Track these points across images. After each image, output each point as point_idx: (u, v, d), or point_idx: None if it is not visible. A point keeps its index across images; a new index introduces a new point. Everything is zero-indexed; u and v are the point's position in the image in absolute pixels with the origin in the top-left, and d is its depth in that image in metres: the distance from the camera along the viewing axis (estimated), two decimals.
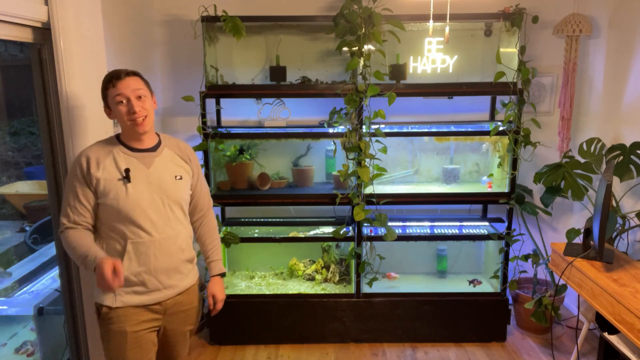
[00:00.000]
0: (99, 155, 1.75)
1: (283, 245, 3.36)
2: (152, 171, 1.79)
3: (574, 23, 3.01)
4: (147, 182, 1.77)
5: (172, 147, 1.90)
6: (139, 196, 1.74)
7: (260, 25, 3.09)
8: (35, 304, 2.50)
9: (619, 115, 3.02)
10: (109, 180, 1.72)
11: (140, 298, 1.78)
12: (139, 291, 1.78)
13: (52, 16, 2.00)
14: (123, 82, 1.73)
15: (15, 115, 2.53)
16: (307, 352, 3.02)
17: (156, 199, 1.78)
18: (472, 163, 3.32)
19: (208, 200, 2.06)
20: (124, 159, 1.76)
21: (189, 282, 1.92)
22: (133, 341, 1.77)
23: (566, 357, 2.93)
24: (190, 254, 1.92)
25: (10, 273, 2.81)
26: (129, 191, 1.73)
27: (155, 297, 1.80)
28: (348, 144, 2.83)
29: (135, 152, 1.79)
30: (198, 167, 1.99)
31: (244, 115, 3.27)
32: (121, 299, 1.76)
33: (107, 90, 1.75)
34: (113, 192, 1.72)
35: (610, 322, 2.00)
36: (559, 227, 3.48)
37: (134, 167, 1.76)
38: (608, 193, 2.07)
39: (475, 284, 3.25)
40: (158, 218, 1.78)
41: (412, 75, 3.08)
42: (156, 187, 1.78)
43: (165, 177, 1.82)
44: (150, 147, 1.83)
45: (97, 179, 1.72)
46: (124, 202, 1.72)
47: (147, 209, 1.75)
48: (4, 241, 3.38)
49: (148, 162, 1.80)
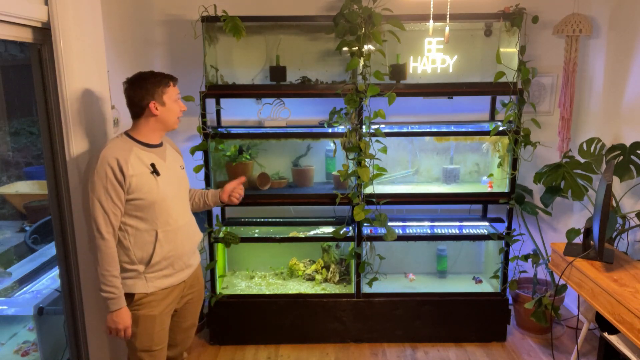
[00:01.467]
0: (122, 154, 1.82)
1: (283, 245, 3.36)
2: (168, 164, 1.96)
3: (574, 23, 3.01)
4: (168, 174, 1.93)
5: (168, 142, 2.08)
6: (166, 187, 1.90)
7: (260, 25, 3.09)
8: (35, 304, 2.50)
9: (619, 115, 3.02)
10: (140, 175, 1.83)
11: (170, 280, 1.95)
12: (167, 274, 1.94)
13: (52, 16, 2.00)
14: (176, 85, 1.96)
15: (15, 115, 2.53)
16: (307, 352, 3.02)
17: (175, 189, 1.97)
18: (472, 163, 3.32)
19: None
20: (145, 155, 1.89)
21: (198, 261, 2.17)
22: (160, 323, 1.94)
23: (566, 357, 2.93)
24: (199, 236, 2.12)
25: (10, 273, 2.81)
26: (159, 184, 1.88)
27: (180, 277, 1.99)
28: (348, 144, 2.83)
29: (151, 148, 1.93)
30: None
31: (244, 115, 3.27)
32: (153, 284, 1.91)
33: (167, 87, 1.89)
34: (147, 186, 1.84)
35: (610, 322, 2.00)
36: (559, 227, 3.48)
37: (156, 161, 1.91)
38: (608, 193, 2.07)
39: (477, 282, 3.28)
40: (180, 206, 1.98)
41: (412, 75, 3.08)
42: (174, 178, 1.97)
43: (176, 168, 2.02)
44: (158, 144, 1.98)
45: (130, 177, 1.81)
46: (157, 194, 1.86)
47: (174, 199, 1.94)
48: (4, 241, 3.38)
49: (163, 155, 1.96)
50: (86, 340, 2.35)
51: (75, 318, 2.36)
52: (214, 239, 2.99)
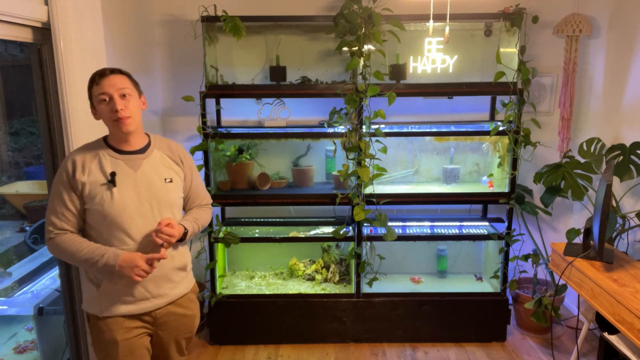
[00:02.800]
0: (85, 158, 1.70)
1: (283, 245, 3.36)
2: (139, 174, 1.73)
3: (574, 23, 3.01)
4: (134, 186, 1.71)
5: (162, 149, 1.83)
6: (125, 201, 1.68)
7: (260, 25, 3.09)
8: (35, 304, 2.50)
9: (619, 115, 3.02)
10: (94, 184, 1.67)
11: (128, 308, 1.73)
12: (126, 300, 1.72)
13: (52, 16, 2.00)
14: (107, 80, 1.66)
15: (15, 115, 2.53)
16: (307, 352, 3.02)
17: (144, 204, 1.72)
18: (472, 163, 3.32)
19: (204, 199, 1.98)
20: (110, 162, 1.71)
21: (182, 290, 1.85)
22: (125, 350, 1.73)
23: (566, 357, 2.93)
24: (182, 261, 1.85)
25: (10, 273, 2.81)
26: (114, 196, 1.67)
27: (144, 306, 1.75)
28: (348, 144, 2.83)
29: (123, 155, 1.73)
30: (192, 168, 1.92)
31: (244, 115, 3.27)
32: (109, 308, 1.71)
33: (91, 88, 1.69)
34: (98, 197, 1.66)
35: (610, 322, 2.00)
36: (559, 227, 3.48)
37: (120, 170, 1.70)
38: (608, 193, 2.07)
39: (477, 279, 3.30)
40: (146, 224, 1.71)
41: (412, 75, 3.08)
42: (144, 191, 1.72)
43: (154, 180, 1.75)
44: (138, 149, 1.77)
45: (83, 184, 1.67)
46: (110, 207, 1.67)
47: (133, 214, 1.69)
48: (4, 241, 3.38)
49: (135, 164, 1.74)
50: (86, 340, 2.35)
51: (75, 318, 2.36)
52: (214, 239, 2.99)
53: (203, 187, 2.00)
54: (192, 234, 1.85)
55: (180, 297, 1.85)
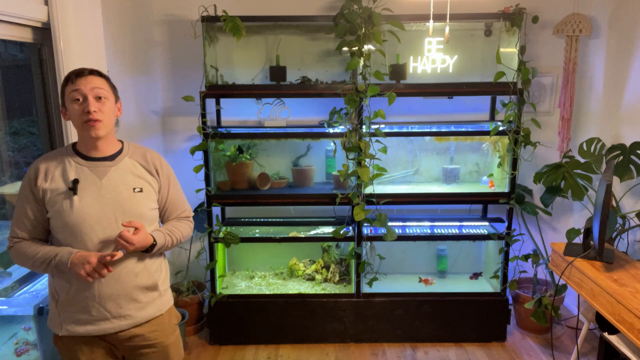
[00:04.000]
0: (49, 165, 1.61)
1: (283, 245, 3.36)
2: (105, 183, 1.62)
3: (574, 23, 3.01)
4: (97, 195, 1.60)
5: (135, 157, 1.72)
6: (86, 210, 1.57)
7: (260, 25, 3.09)
8: (35, 304, 2.50)
9: (619, 115, 3.02)
10: (55, 190, 1.58)
11: (86, 328, 1.61)
12: (82, 320, 1.61)
13: (52, 16, 2.00)
14: (84, 80, 1.56)
15: (15, 115, 2.53)
16: (307, 352, 3.02)
17: (108, 214, 1.60)
18: (472, 163, 3.32)
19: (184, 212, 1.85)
20: (74, 169, 1.61)
21: (151, 313, 1.69)
22: None
23: (566, 357, 2.93)
24: (149, 280, 1.68)
25: (10, 273, 2.81)
26: (74, 205, 1.57)
27: (103, 327, 1.62)
28: (348, 144, 2.83)
29: (89, 161, 1.63)
30: (169, 179, 1.79)
31: (244, 115, 3.27)
32: (66, 327, 1.62)
33: (65, 86, 1.58)
34: (57, 205, 1.57)
35: (610, 322, 2.00)
36: (559, 227, 3.48)
37: (84, 178, 1.60)
38: (608, 193, 2.07)
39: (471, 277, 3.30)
40: (108, 236, 1.59)
41: (412, 75, 3.08)
42: (109, 201, 1.61)
43: (120, 190, 1.63)
44: (107, 156, 1.66)
45: (44, 190, 1.58)
46: (69, 216, 1.56)
47: (94, 225, 1.58)
48: (4, 241, 3.37)
49: (101, 172, 1.63)
50: None
51: None
52: (214, 239, 2.99)
53: (183, 198, 1.86)
54: (162, 247, 1.69)
55: (149, 320, 1.70)
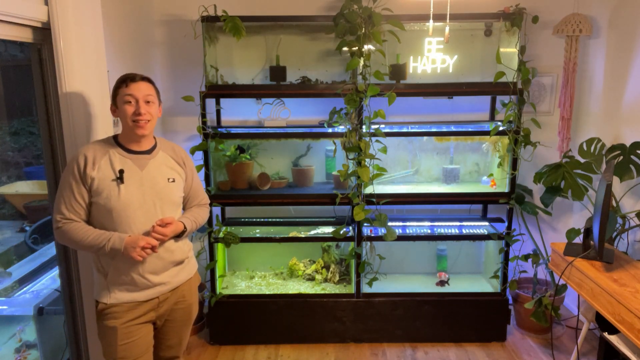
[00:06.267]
0: (96, 154, 1.81)
1: (283, 245, 3.36)
2: (145, 173, 1.85)
3: (574, 23, 3.01)
4: (139, 184, 1.83)
5: (167, 150, 1.96)
6: (130, 197, 1.80)
7: (260, 25, 3.09)
8: (35, 304, 2.50)
9: (619, 115, 3.02)
10: (103, 180, 1.78)
11: (132, 295, 1.84)
12: (130, 289, 1.84)
13: (52, 16, 2.00)
14: (136, 85, 1.81)
15: (15, 115, 2.53)
16: (307, 352, 3.02)
17: (147, 201, 1.84)
18: (472, 163, 3.32)
19: (203, 200, 2.11)
20: (119, 160, 1.82)
21: (184, 277, 1.98)
22: (123, 336, 1.83)
23: (566, 357, 2.93)
24: (182, 255, 1.95)
25: (10, 273, 2.81)
26: (121, 192, 1.79)
27: (148, 293, 1.86)
28: (348, 144, 2.83)
29: (131, 154, 1.85)
30: (192, 170, 2.05)
31: (244, 115, 3.27)
32: (114, 295, 1.83)
33: (119, 88, 1.82)
34: (106, 192, 1.78)
35: (610, 322, 2.00)
36: (559, 227, 3.48)
37: (128, 168, 1.82)
38: (608, 193, 2.07)
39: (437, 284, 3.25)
40: (148, 220, 1.83)
41: (412, 75, 3.08)
42: (148, 189, 1.84)
43: (158, 180, 1.88)
44: (146, 150, 1.90)
45: (92, 178, 1.77)
46: (116, 203, 1.78)
47: (137, 211, 1.81)
48: (4, 241, 3.38)
49: (142, 164, 1.86)
50: (86, 340, 2.35)
51: (75, 318, 2.37)
52: (214, 238, 2.99)
53: (202, 187, 2.13)
54: (190, 231, 1.98)
55: (183, 283, 1.98)
